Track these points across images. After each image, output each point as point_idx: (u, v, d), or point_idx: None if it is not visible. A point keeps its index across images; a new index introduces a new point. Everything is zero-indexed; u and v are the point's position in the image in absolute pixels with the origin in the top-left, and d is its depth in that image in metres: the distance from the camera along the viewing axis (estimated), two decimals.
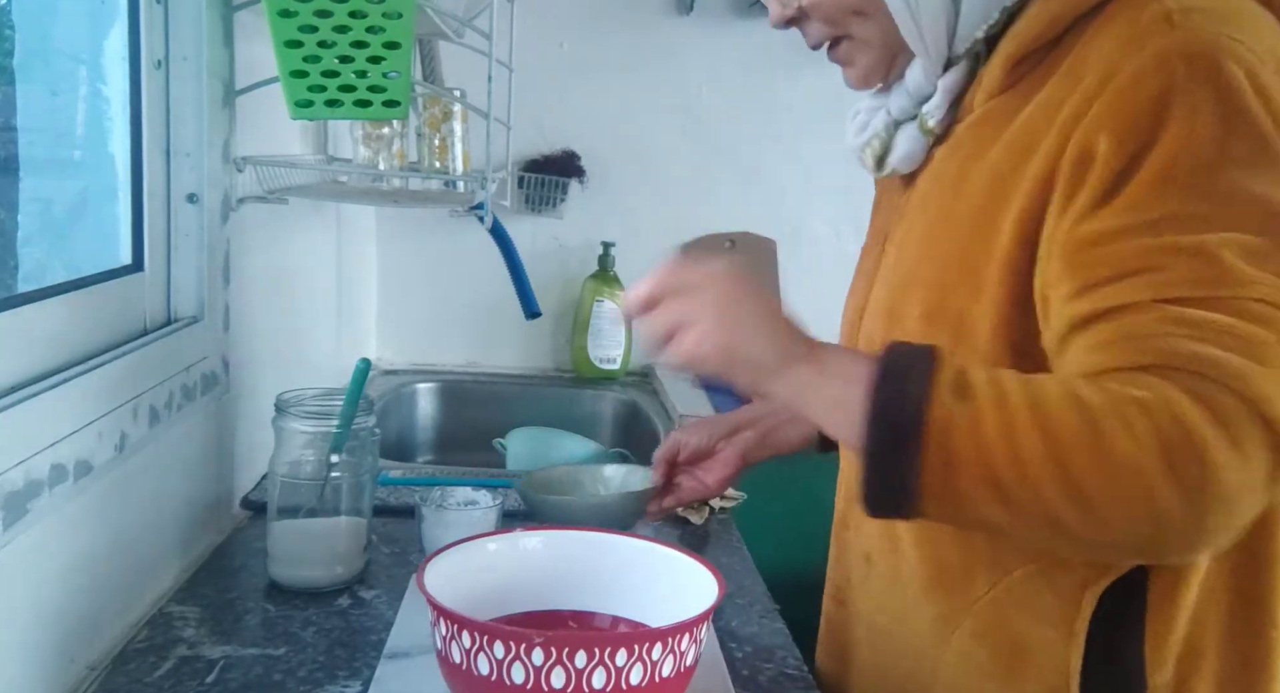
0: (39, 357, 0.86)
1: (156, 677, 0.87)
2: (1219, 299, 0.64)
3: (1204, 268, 0.65)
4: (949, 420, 0.65)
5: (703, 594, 0.79)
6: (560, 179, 2.13)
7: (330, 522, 1.05)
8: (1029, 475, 0.64)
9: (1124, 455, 0.62)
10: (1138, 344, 0.65)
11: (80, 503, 0.88)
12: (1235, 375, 0.63)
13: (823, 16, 0.85)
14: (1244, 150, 0.66)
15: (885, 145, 0.88)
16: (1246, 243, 0.65)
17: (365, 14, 1.10)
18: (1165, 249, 0.66)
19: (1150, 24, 0.69)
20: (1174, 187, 0.67)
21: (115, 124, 1.09)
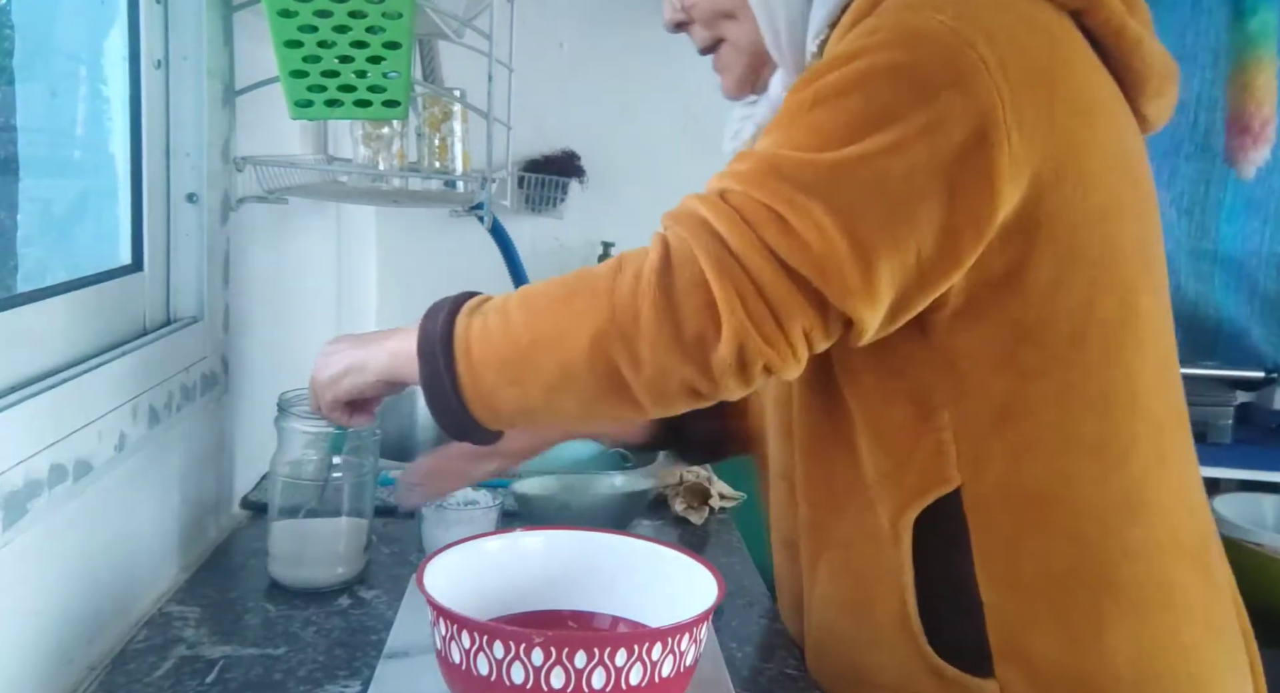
0: (39, 357, 0.86)
1: (156, 677, 0.87)
2: (746, 195, 0.72)
3: (749, 169, 0.73)
4: (465, 332, 0.77)
5: (703, 594, 0.79)
6: (560, 179, 2.13)
7: (331, 522, 1.05)
8: (519, 347, 0.75)
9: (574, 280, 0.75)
10: (678, 206, 0.78)
11: (80, 503, 0.88)
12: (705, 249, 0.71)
13: (699, 18, 0.90)
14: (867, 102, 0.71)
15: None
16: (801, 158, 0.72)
17: (365, 14, 1.10)
18: (744, 154, 0.76)
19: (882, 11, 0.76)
20: (790, 114, 0.74)
21: (115, 124, 1.09)
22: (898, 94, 0.70)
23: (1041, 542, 0.79)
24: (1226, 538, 2.06)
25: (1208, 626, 0.83)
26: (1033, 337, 0.77)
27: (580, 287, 0.74)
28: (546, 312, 0.75)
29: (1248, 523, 1.93)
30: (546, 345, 0.74)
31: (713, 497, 1.34)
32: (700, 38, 0.92)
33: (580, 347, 0.72)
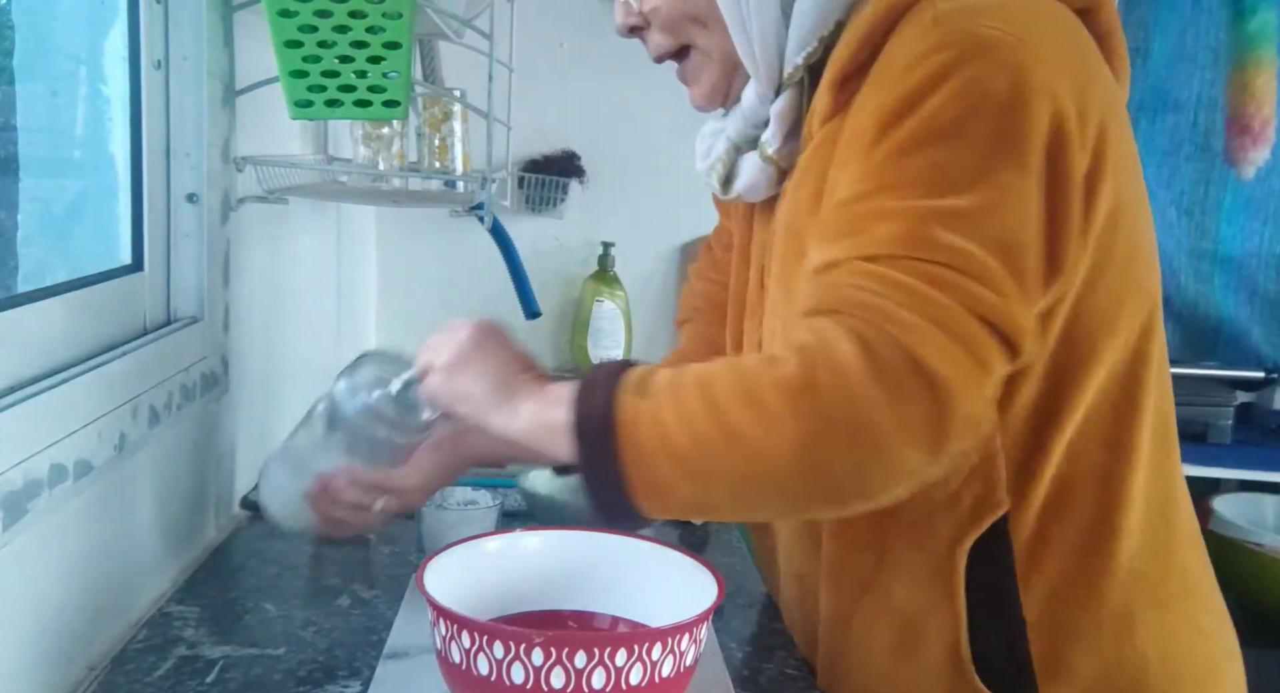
0: (39, 357, 0.86)
1: (156, 677, 0.87)
2: (911, 260, 0.68)
3: (903, 230, 0.69)
4: (633, 417, 0.71)
5: (703, 594, 0.79)
6: (560, 179, 2.13)
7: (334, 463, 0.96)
8: (704, 445, 0.69)
9: (772, 396, 0.67)
10: (826, 293, 0.71)
11: (80, 503, 0.88)
12: (903, 328, 0.66)
13: (662, 23, 0.86)
14: (980, 127, 0.70)
15: (729, 169, 0.90)
16: (954, 207, 0.69)
17: (365, 14, 1.10)
18: (876, 212, 0.71)
19: (921, 26, 0.73)
20: (902, 156, 0.71)
21: (115, 124, 1.09)
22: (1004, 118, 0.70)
23: (1081, 549, 0.80)
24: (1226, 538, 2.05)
25: (1215, 610, 0.86)
26: (1070, 339, 0.77)
27: (766, 384, 0.68)
28: (732, 409, 0.68)
29: (1248, 523, 1.92)
30: (738, 448, 0.68)
31: None
32: (658, 44, 0.89)
33: (784, 453, 0.67)
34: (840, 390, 0.66)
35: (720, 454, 0.68)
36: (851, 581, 0.85)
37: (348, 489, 0.95)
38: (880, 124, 0.72)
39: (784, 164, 0.86)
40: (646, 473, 0.70)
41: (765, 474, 0.68)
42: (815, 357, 0.67)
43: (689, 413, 0.69)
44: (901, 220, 0.70)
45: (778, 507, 0.77)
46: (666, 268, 2.24)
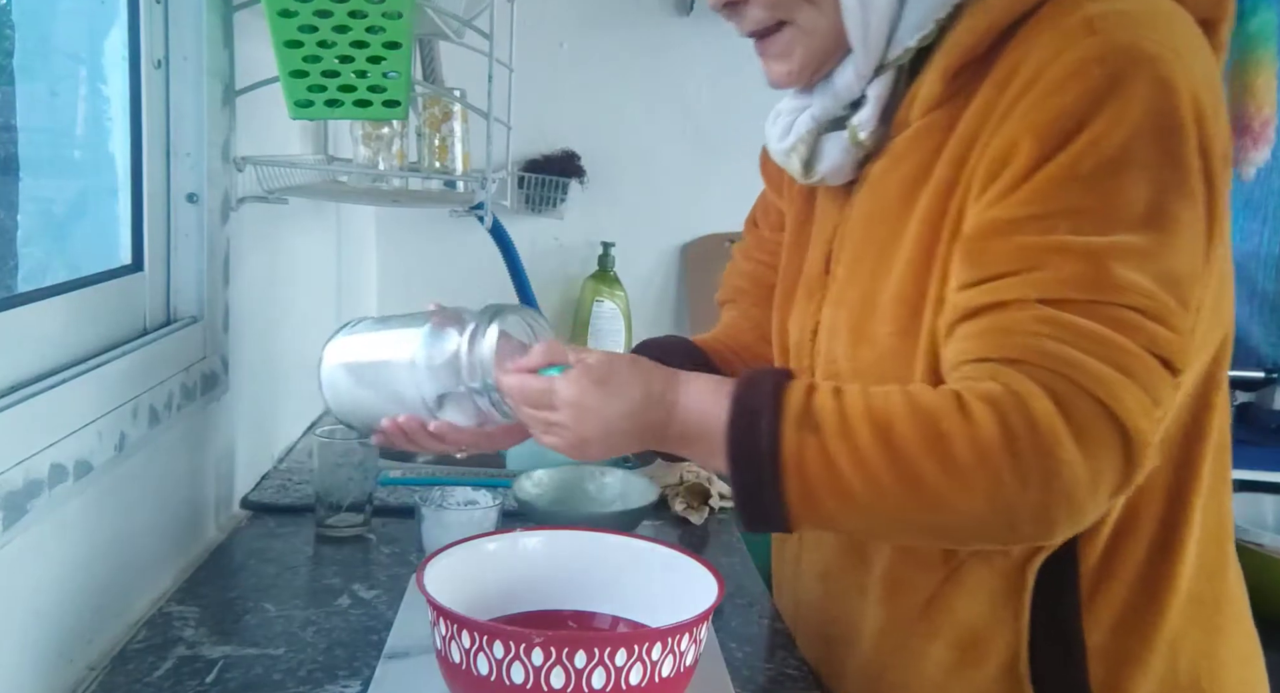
0: (39, 357, 0.86)
1: (156, 677, 0.87)
2: (1095, 304, 0.67)
3: (1086, 270, 0.67)
4: (800, 454, 0.71)
5: (703, 594, 0.79)
6: (560, 179, 2.13)
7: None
8: (881, 489, 0.69)
9: (964, 452, 0.67)
10: (1008, 339, 0.69)
11: (80, 503, 0.88)
12: (1096, 381, 0.66)
13: (766, 1, 0.82)
14: (1149, 153, 0.68)
15: (811, 150, 0.87)
16: (1132, 245, 0.67)
17: (365, 14, 1.10)
18: (1053, 247, 0.69)
19: (1072, 30, 0.71)
20: (1073, 183, 0.69)
21: (115, 124, 1.09)
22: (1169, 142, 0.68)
23: (1146, 573, 0.79)
24: None
25: (1252, 635, 0.87)
26: None
27: (959, 439, 0.67)
28: (917, 458, 0.68)
29: (1248, 523, 1.92)
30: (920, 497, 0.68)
31: (713, 497, 1.34)
32: (756, 19, 0.84)
33: (973, 507, 0.68)
34: (1038, 451, 0.66)
35: (899, 500, 0.69)
36: (913, 593, 0.83)
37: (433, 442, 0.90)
38: (1040, 142, 0.70)
39: (871, 148, 0.83)
40: (811, 507, 0.71)
41: (946, 521, 0.70)
42: (1010, 414, 0.66)
43: (865, 455, 0.69)
44: (1080, 259, 0.68)
45: (944, 542, 0.78)
46: (666, 268, 2.24)
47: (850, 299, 0.85)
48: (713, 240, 2.22)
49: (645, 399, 0.78)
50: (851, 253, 0.86)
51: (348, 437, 1.20)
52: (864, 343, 0.82)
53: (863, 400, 0.71)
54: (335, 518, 1.19)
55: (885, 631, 0.86)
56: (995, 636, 0.80)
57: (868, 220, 0.84)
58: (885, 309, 0.81)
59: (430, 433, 0.89)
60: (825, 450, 0.70)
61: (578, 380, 0.77)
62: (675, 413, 0.78)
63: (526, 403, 0.80)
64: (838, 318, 0.86)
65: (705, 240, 2.22)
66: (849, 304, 0.85)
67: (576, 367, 0.78)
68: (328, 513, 1.19)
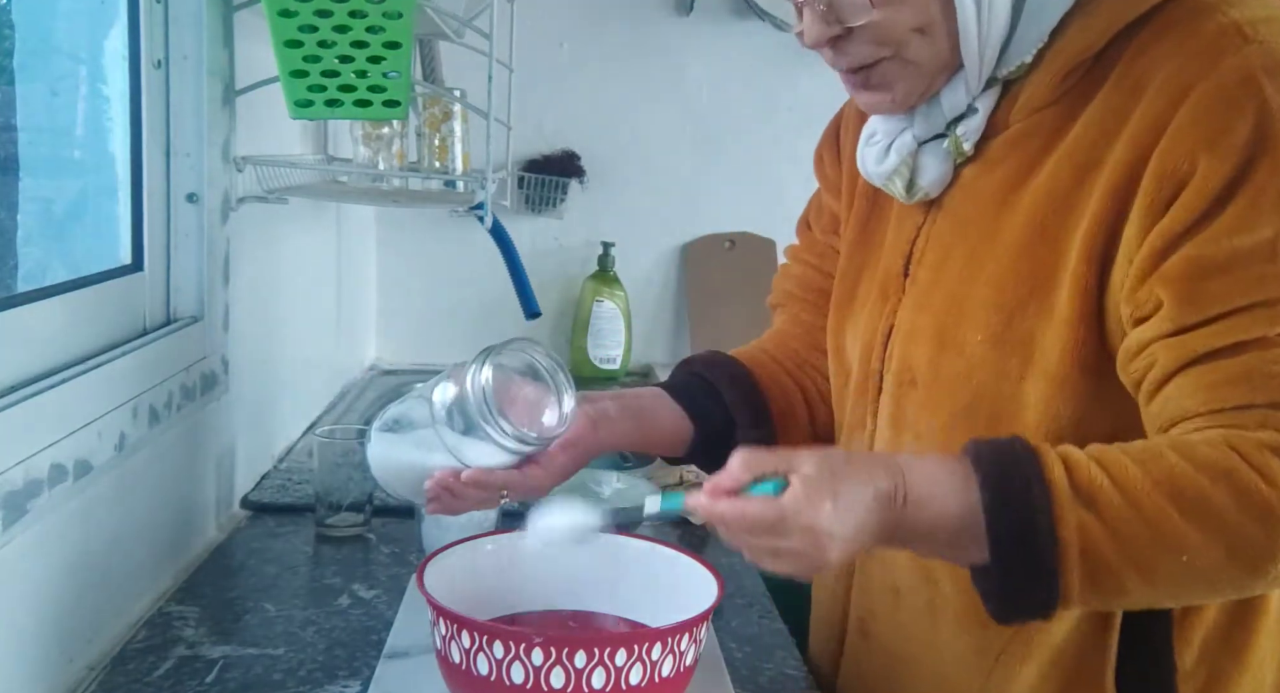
0: (39, 357, 0.86)
1: (156, 677, 0.87)
2: None
3: None
4: (1084, 534, 0.65)
5: (703, 594, 0.79)
6: (560, 179, 2.13)
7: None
8: (1182, 559, 0.65)
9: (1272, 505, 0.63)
10: (1260, 382, 0.65)
11: (80, 502, 0.88)
12: None
13: (875, 37, 0.78)
14: None
15: (912, 169, 0.84)
16: None
17: (365, 14, 1.10)
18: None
19: (1220, 37, 0.69)
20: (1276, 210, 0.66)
21: (115, 124, 1.09)
22: None
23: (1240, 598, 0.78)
24: None
25: None
26: None
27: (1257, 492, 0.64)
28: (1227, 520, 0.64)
29: None
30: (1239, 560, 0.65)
31: None
32: (860, 56, 0.79)
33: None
34: None
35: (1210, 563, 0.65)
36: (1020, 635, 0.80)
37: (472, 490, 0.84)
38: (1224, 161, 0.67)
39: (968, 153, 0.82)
40: (1097, 587, 0.66)
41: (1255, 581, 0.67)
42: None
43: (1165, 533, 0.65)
44: None
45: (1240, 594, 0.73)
46: (666, 268, 2.24)
47: (935, 303, 0.82)
48: (713, 240, 2.21)
49: (877, 503, 0.69)
50: (938, 255, 0.83)
51: (347, 436, 1.20)
52: (949, 350, 0.80)
53: (1134, 464, 0.66)
54: (335, 518, 1.19)
55: (971, 651, 0.82)
56: (1086, 656, 0.78)
57: (958, 223, 0.82)
58: (976, 315, 0.78)
59: (466, 483, 0.83)
60: (1114, 529, 0.65)
61: (809, 502, 0.67)
62: (908, 510, 0.69)
63: (751, 533, 0.70)
64: (919, 322, 0.83)
65: (705, 240, 2.22)
66: (933, 309, 0.82)
67: (798, 482, 0.68)
68: (328, 513, 1.19)
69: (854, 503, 0.68)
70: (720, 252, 2.21)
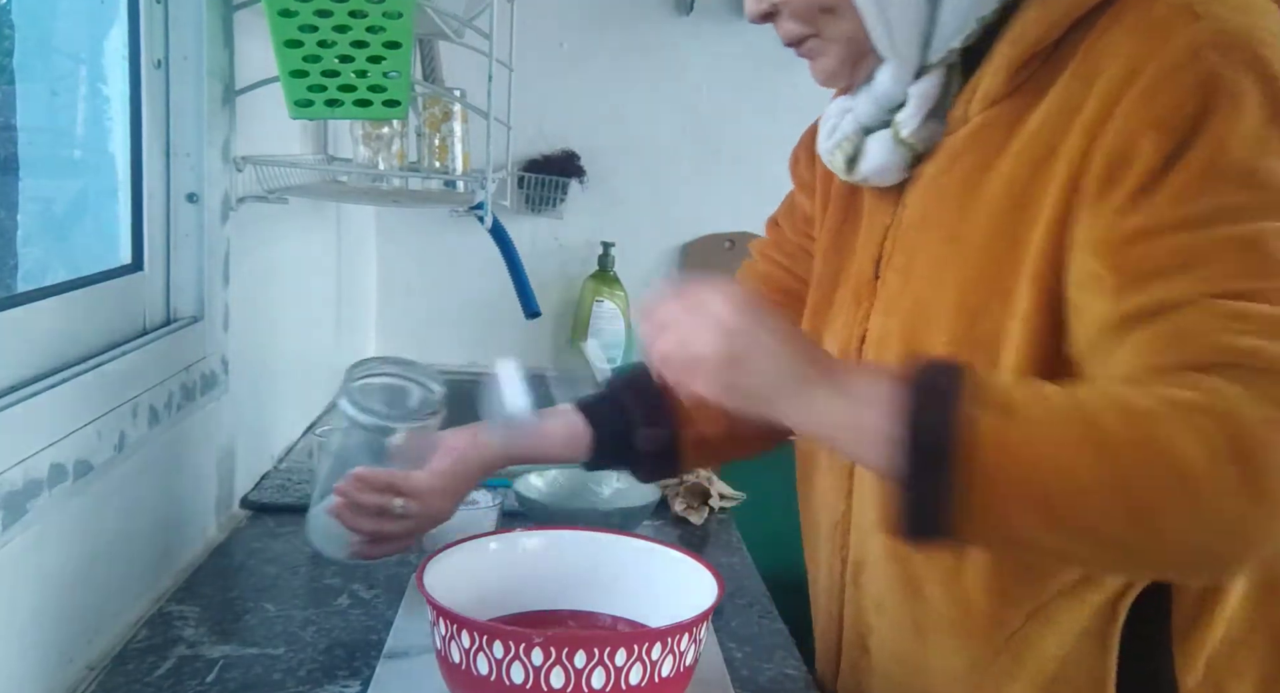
0: (39, 357, 0.86)
1: (156, 677, 0.87)
2: (1270, 290, 0.63)
3: (1252, 259, 0.63)
4: (986, 440, 0.62)
5: (702, 594, 0.79)
6: (560, 179, 2.13)
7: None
8: (1086, 495, 0.61)
9: (1188, 464, 0.60)
10: (1190, 342, 0.63)
11: (79, 503, 0.88)
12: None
13: (793, 13, 0.81)
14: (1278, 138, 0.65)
15: (856, 148, 0.84)
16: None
17: (365, 14, 1.10)
18: (1213, 242, 0.64)
19: (1171, 16, 0.68)
20: (1219, 179, 0.65)
21: (115, 124, 1.09)
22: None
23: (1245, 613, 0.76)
24: None
25: None
26: None
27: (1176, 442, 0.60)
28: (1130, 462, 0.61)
29: None
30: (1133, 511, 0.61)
31: (713, 497, 1.34)
32: (789, 31, 0.83)
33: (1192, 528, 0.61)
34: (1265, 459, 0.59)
35: (1102, 507, 0.61)
36: (996, 630, 0.78)
37: (362, 493, 0.92)
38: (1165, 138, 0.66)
39: (921, 147, 0.81)
40: (994, 510, 0.62)
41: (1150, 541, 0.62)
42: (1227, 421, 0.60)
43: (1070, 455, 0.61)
44: (1244, 249, 0.64)
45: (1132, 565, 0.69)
46: (666, 268, 2.24)
47: (903, 307, 0.81)
48: (713, 240, 2.21)
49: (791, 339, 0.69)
50: (905, 256, 0.82)
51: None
52: (917, 353, 0.78)
53: (1062, 393, 0.64)
54: None
55: (964, 667, 0.80)
56: (1081, 674, 0.76)
57: (923, 222, 0.81)
58: (940, 318, 0.77)
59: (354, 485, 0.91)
60: (1024, 440, 0.62)
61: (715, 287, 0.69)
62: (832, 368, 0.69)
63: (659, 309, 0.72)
64: (888, 326, 0.82)
65: (705, 240, 2.22)
66: (902, 312, 0.81)
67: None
68: None
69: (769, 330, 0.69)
70: (720, 252, 2.21)
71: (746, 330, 0.69)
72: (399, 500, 0.93)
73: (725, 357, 0.69)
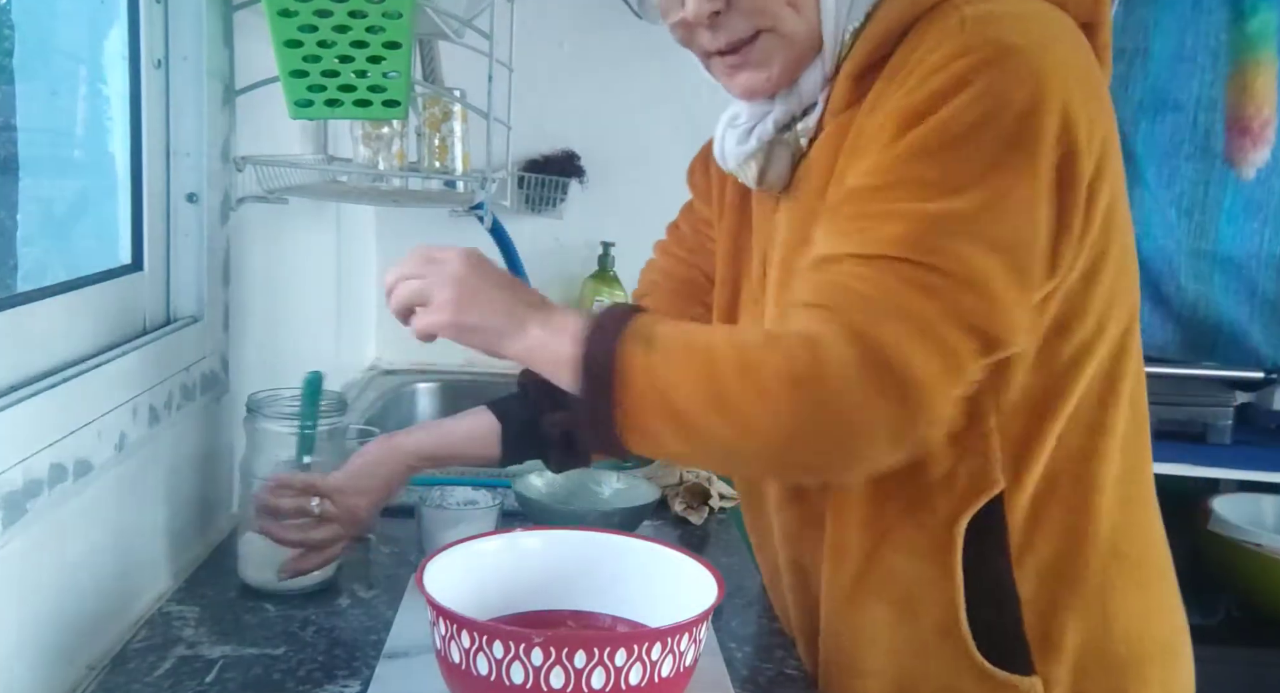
0: (39, 357, 0.86)
1: (156, 677, 0.87)
2: (904, 262, 0.71)
3: (903, 232, 0.71)
4: (634, 367, 0.74)
5: (702, 594, 0.79)
6: (560, 179, 2.13)
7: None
8: (697, 409, 0.73)
9: (769, 380, 0.71)
10: (824, 287, 0.74)
11: (79, 503, 0.88)
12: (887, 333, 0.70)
13: (749, 8, 0.81)
14: (996, 133, 0.71)
15: (767, 158, 0.88)
16: (954, 210, 0.71)
17: (365, 14, 1.09)
18: (880, 212, 0.73)
19: (947, 29, 0.74)
20: (917, 156, 0.73)
21: (115, 124, 1.09)
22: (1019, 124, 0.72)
23: (1067, 530, 0.83)
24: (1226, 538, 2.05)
25: (1174, 590, 0.91)
26: (1066, 331, 0.80)
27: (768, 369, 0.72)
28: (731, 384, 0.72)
29: (1247, 524, 1.92)
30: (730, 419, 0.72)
31: (712, 497, 1.34)
32: (734, 30, 0.83)
33: (772, 434, 0.72)
34: (830, 387, 0.70)
35: (711, 422, 0.73)
36: (852, 558, 0.86)
37: (280, 498, 0.98)
38: (900, 124, 0.74)
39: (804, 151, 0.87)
40: (639, 421, 0.75)
41: (750, 447, 0.73)
42: (814, 350, 0.71)
43: (689, 376, 0.73)
44: (904, 222, 0.72)
45: (748, 470, 0.88)
46: None
47: (784, 301, 0.86)
48: None
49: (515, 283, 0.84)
50: (781, 256, 0.88)
51: (347, 436, 1.20)
52: None
53: (700, 333, 0.76)
54: None
55: (835, 597, 0.88)
56: (930, 592, 0.83)
57: (790, 224, 0.87)
58: None
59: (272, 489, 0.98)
60: (658, 369, 0.74)
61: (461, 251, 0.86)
62: (546, 308, 0.82)
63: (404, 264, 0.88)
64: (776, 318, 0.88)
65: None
66: (782, 306, 0.86)
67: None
68: None
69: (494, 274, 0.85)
70: None
71: (473, 277, 0.83)
72: (315, 500, 0.99)
73: (454, 298, 0.82)
